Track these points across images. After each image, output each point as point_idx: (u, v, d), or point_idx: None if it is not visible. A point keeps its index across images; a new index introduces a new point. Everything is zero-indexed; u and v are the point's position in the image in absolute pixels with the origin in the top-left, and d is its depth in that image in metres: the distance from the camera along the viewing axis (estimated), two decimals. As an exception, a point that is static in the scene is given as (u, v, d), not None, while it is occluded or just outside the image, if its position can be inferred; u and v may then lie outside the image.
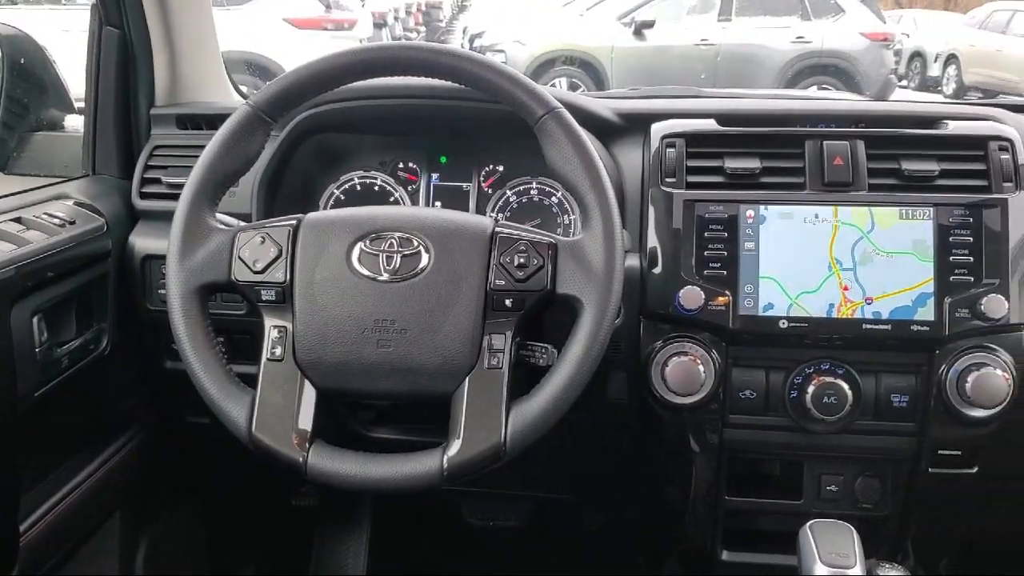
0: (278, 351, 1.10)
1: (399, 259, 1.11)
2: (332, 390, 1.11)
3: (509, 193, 1.51)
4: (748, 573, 1.49)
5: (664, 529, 1.60)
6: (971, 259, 1.27)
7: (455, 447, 1.05)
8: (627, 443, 1.53)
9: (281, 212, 1.35)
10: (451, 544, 2.09)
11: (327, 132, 1.50)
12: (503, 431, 1.05)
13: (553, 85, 8.62)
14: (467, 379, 1.07)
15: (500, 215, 1.51)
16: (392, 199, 1.54)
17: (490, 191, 1.52)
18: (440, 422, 1.09)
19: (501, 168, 1.52)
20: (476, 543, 2.09)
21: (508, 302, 1.09)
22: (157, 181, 1.54)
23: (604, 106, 1.48)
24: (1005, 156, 1.31)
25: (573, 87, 8.81)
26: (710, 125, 1.39)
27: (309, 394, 1.09)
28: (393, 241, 1.12)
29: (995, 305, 1.25)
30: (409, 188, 1.54)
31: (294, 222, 1.14)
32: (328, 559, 1.93)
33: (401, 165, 1.54)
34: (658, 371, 1.30)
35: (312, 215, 1.16)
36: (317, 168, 1.53)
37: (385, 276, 1.10)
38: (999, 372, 1.25)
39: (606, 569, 1.94)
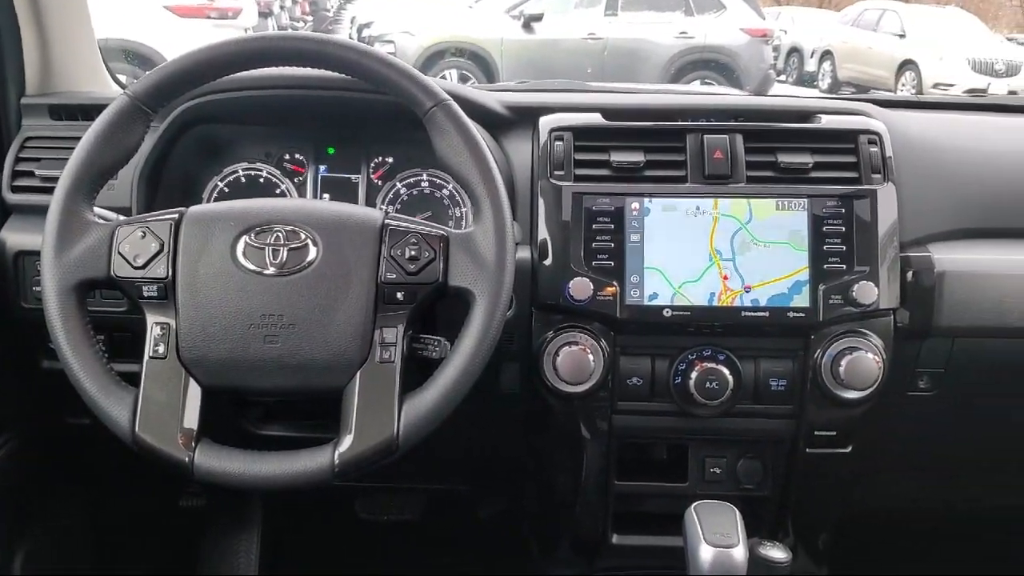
0: (161, 348, 1.08)
1: (286, 252, 1.09)
2: (218, 387, 1.09)
3: (399, 185, 1.50)
4: (637, 555, 1.53)
5: (556, 516, 1.62)
6: (843, 248, 1.33)
7: (346, 443, 1.05)
8: (520, 433, 1.54)
9: (162, 206, 1.31)
10: (344, 540, 2.07)
11: (210, 123, 1.46)
12: (395, 425, 1.05)
13: (443, 77, 8.59)
14: (358, 373, 1.07)
15: (390, 207, 1.50)
16: (278, 191, 1.51)
17: (380, 183, 1.51)
18: (332, 417, 1.08)
19: (391, 160, 1.51)
20: (370, 538, 2.08)
21: (399, 295, 1.09)
22: (30, 174, 1.47)
23: (493, 99, 1.49)
24: (874, 149, 1.38)
25: (463, 79, 8.82)
26: (596, 119, 1.42)
27: (194, 392, 1.07)
28: (279, 234, 1.10)
29: (866, 291, 1.31)
30: (296, 180, 1.51)
31: (176, 216, 1.12)
32: (218, 559, 1.89)
33: (287, 156, 1.51)
34: (549, 361, 1.32)
35: (195, 208, 1.14)
36: (200, 160, 1.49)
37: (272, 270, 1.09)
38: (870, 355, 1.31)
39: (500, 558, 1.96)
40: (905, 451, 1.57)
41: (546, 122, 1.41)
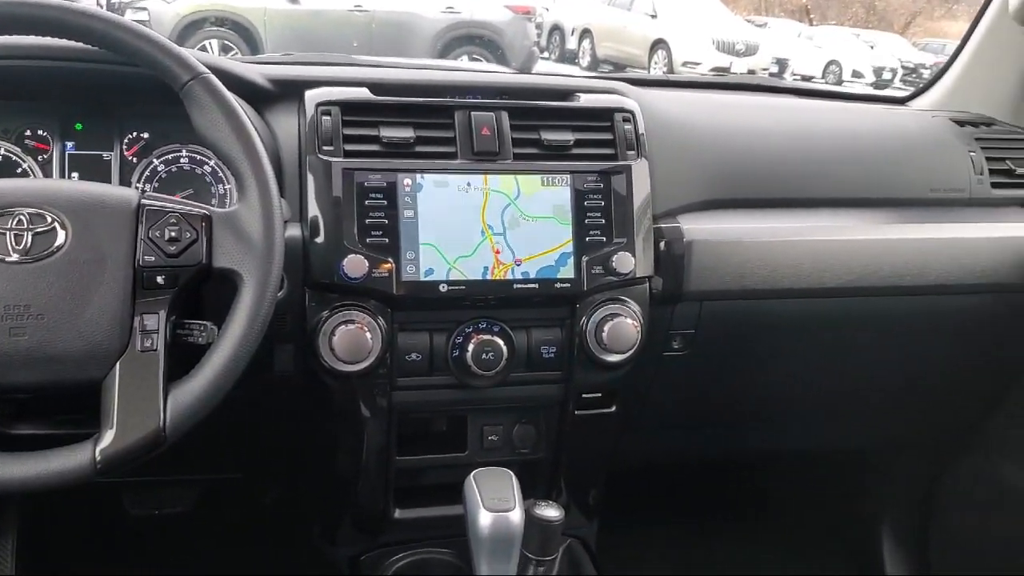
0: None
1: (30, 237, 1.02)
2: None
3: (156, 162, 1.42)
4: (419, 527, 1.56)
5: (337, 496, 1.62)
6: (603, 221, 1.40)
7: (108, 437, 1.00)
8: (297, 415, 1.52)
9: None
10: (114, 538, 1.96)
11: None
12: (161, 416, 1.01)
13: (203, 48, 8.18)
14: (118, 364, 1.02)
15: (147, 186, 1.42)
16: (19, 171, 1.39)
17: (134, 160, 1.42)
18: (92, 412, 1.02)
19: (146, 135, 1.42)
20: (142, 533, 1.98)
21: (160, 279, 1.05)
22: None
23: (256, 71, 1.44)
24: (628, 127, 1.46)
25: (225, 50, 8.45)
26: (364, 94, 1.41)
27: None
28: (22, 217, 1.02)
29: (624, 261, 1.39)
30: (40, 158, 1.40)
31: None
32: None
33: (29, 133, 1.39)
34: (325, 341, 1.31)
35: None
36: None
37: (15, 257, 1.01)
38: (629, 321, 1.40)
39: (281, 542, 1.93)
40: (664, 408, 1.69)
41: (312, 96, 1.38)
